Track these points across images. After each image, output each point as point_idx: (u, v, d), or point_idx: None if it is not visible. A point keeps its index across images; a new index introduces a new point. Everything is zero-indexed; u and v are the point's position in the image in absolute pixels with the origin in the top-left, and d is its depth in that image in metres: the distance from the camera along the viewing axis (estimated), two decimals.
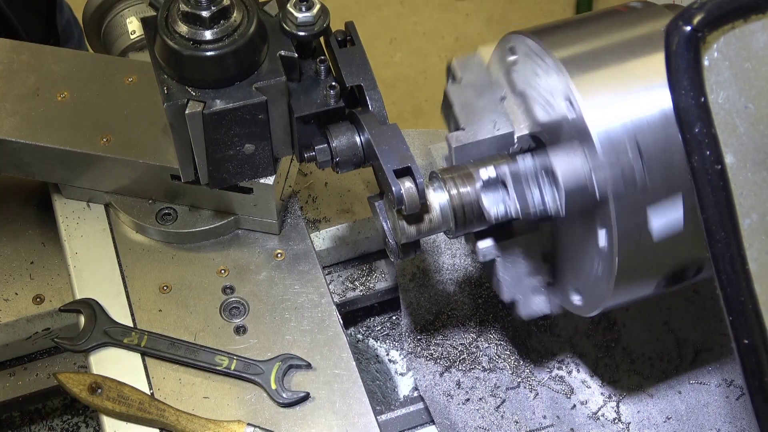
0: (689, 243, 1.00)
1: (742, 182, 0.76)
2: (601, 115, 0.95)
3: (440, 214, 1.06)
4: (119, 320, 1.27)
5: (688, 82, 0.75)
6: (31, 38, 1.58)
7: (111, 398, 1.18)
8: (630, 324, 1.36)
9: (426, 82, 3.30)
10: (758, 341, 0.76)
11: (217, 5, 1.08)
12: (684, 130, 0.76)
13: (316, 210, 1.46)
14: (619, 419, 1.27)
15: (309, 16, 1.12)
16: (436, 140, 1.51)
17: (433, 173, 1.09)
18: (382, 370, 1.44)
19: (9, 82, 1.36)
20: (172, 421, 1.16)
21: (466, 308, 1.37)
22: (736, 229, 0.76)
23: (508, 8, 3.49)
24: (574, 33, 1.05)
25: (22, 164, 1.34)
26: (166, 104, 1.09)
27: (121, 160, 1.30)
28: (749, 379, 0.77)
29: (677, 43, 0.75)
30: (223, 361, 1.22)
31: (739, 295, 0.76)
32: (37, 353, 1.49)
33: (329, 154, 1.11)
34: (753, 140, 0.77)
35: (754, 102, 0.78)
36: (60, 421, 1.57)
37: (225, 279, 1.31)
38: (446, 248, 1.41)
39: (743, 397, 1.29)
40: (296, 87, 1.16)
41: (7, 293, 1.42)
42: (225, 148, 1.15)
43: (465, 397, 1.28)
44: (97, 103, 1.35)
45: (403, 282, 1.38)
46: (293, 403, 1.20)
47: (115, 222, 1.38)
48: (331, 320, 1.28)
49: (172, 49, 1.08)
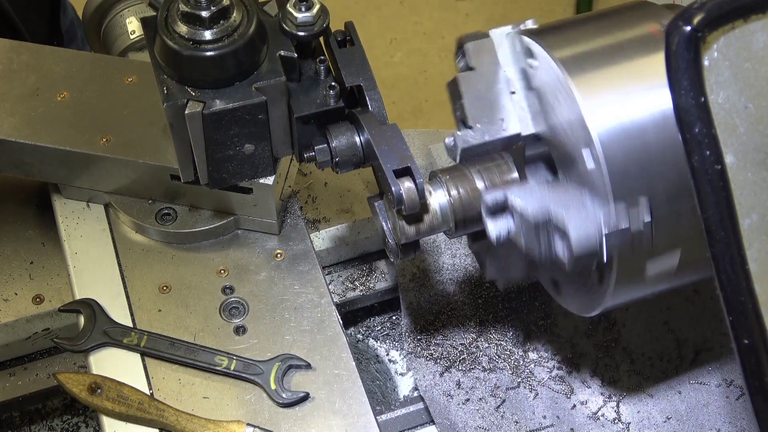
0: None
1: (742, 182, 0.76)
2: (603, 115, 0.95)
3: (440, 214, 1.06)
4: (119, 320, 1.27)
5: (688, 82, 0.75)
6: (34, 39, 1.58)
7: (110, 398, 1.17)
8: (630, 324, 1.35)
9: (426, 82, 3.29)
10: (758, 341, 0.76)
11: (217, 5, 1.08)
12: (684, 130, 0.75)
13: (315, 210, 1.46)
14: (619, 419, 1.27)
15: (309, 16, 1.12)
16: (436, 140, 1.51)
17: (433, 173, 1.09)
18: (382, 370, 1.44)
19: (9, 82, 1.36)
20: (171, 421, 1.16)
21: (466, 308, 1.37)
22: (736, 229, 0.76)
23: (508, 8, 3.49)
24: (574, 33, 1.04)
25: (22, 164, 1.34)
26: (165, 104, 1.09)
27: (121, 160, 1.30)
28: (749, 379, 0.77)
29: (677, 43, 0.75)
30: (222, 361, 1.22)
31: (739, 295, 0.76)
32: (37, 353, 1.49)
33: (329, 154, 1.11)
34: (753, 140, 0.77)
35: (754, 102, 0.78)
36: (60, 421, 1.57)
37: (225, 279, 1.31)
38: (446, 248, 1.41)
39: (743, 397, 1.29)
40: (296, 87, 1.16)
41: (6, 293, 1.42)
42: (225, 148, 1.15)
43: (465, 397, 1.28)
44: (97, 103, 1.35)
45: (403, 282, 1.38)
46: (293, 403, 1.20)
47: (115, 222, 1.38)
48: (331, 320, 1.28)
49: (172, 49, 1.08)
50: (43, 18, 1.80)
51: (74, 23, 1.92)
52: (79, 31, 1.93)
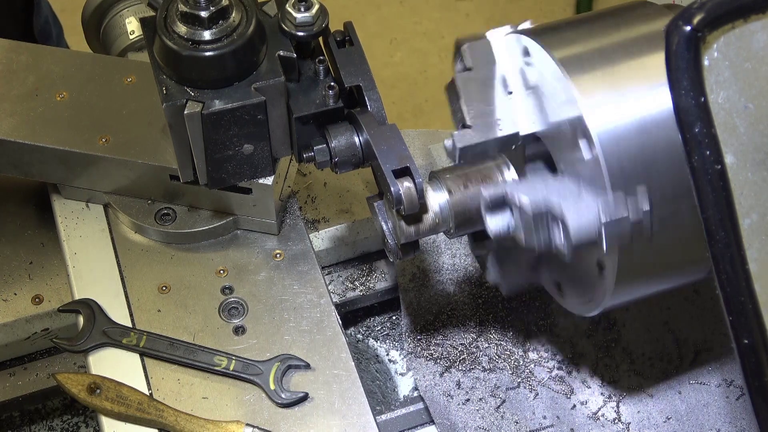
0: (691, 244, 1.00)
1: (742, 182, 0.76)
2: (602, 114, 0.95)
3: (440, 214, 1.06)
4: (118, 320, 1.26)
5: (688, 82, 0.75)
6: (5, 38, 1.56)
7: (110, 398, 1.17)
8: (630, 324, 1.35)
9: (426, 82, 3.29)
10: (758, 341, 0.76)
11: (216, 5, 1.08)
12: (684, 130, 0.75)
13: (315, 210, 1.46)
14: (619, 419, 1.27)
15: (308, 17, 1.12)
16: (436, 140, 1.51)
17: (433, 173, 1.09)
18: (382, 370, 1.44)
19: (8, 82, 1.36)
20: (170, 421, 1.16)
21: (466, 308, 1.36)
22: (736, 229, 0.76)
23: (508, 8, 3.49)
24: (574, 33, 1.04)
25: (21, 164, 1.34)
26: (164, 104, 1.09)
27: (120, 161, 1.30)
28: (749, 379, 0.77)
29: (677, 43, 0.75)
30: (221, 361, 1.22)
31: (739, 295, 0.76)
32: (37, 353, 1.49)
33: (328, 155, 1.11)
34: (753, 140, 0.77)
35: (754, 102, 0.78)
36: (60, 421, 1.57)
37: (224, 279, 1.31)
38: (446, 248, 1.41)
39: (743, 397, 1.29)
40: (295, 87, 1.16)
41: (6, 293, 1.42)
42: (224, 149, 1.15)
43: (465, 398, 1.28)
44: (96, 103, 1.35)
45: (403, 282, 1.38)
46: (292, 403, 1.19)
47: (114, 222, 1.38)
48: (330, 320, 1.28)
49: (171, 49, 1.08)
50: (16, 18, 1.78)
51: (49, 21, 1.89)
52: (54, 29, 1.90)
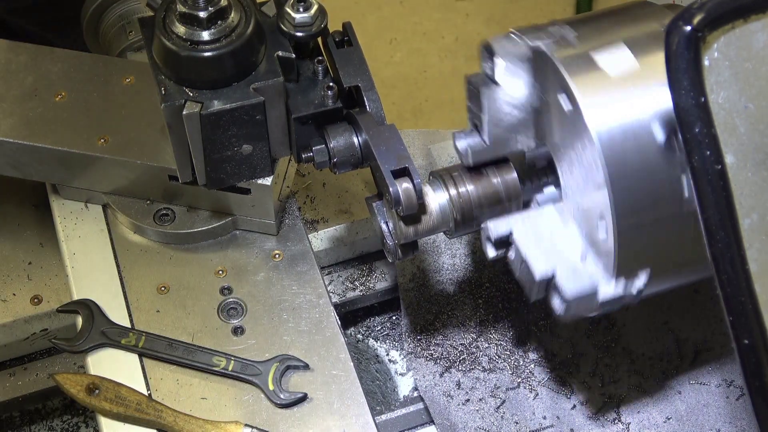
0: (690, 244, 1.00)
1: (742, 182, 0.76)
2: (602, 114, 0.94)
3: (440, 214, 1.06)
4: (117, 321, 1.26)
5: (688, 82, 0.75)
6: None
7: (108, 399, 1.17)
8: (630, 324, 1.35)
9: (426, 82, 3.29)
10: (758, 341, 0.76)
11: (215, 6, 1.08)
12: (684, 130, 0.75)
13: (314, 210, 1.45)
14: (619, 419, 1.27)
15: (307, 17, 1.12)
16: (436, 140, 1.51)
17: (433, 173, 1.08)
18: (382, 370, 1.44)
19: (7, 82, 1.36)
20: (169, 421, 1.16)
21: (466, 308, 1.36)
22: (736, 229, 0.76)
23: (508, 8, 3.49)
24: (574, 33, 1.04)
25: (20, 165, 1.34)
26: (163, 105, 1.09)
27: (119, 161, 1.30)
28: (749, 379, 0.77)
29: (677, 43, 0.75)
30: (220, 361, 1.22)
31: (739, 295, 0.76)
32: (37, 353, 1.49)
33: (327, 155, 1.11)
34: (753, 140, 0.77)
35: (754, 102, 0.78)
36: (60, 421, 1.57)
37: (223, 280, 1.31)
38: (446, 248, 1.41)
39: (743, 397, 1.29)
40: (294, 87, 1.16)
41: (5, 294, 1.42)
42: (222, 149, 1.15)
43: (465, 398, 1.28)
44: (95, 103, 1.35)
45: (403, 282, 1.38)
46: (291, 404, 1.19)
47: (113, 223, 1.37)
48: (329, 321, 1.27)
49: (170, 49, 1.07)
50: None
51: None
52: None
